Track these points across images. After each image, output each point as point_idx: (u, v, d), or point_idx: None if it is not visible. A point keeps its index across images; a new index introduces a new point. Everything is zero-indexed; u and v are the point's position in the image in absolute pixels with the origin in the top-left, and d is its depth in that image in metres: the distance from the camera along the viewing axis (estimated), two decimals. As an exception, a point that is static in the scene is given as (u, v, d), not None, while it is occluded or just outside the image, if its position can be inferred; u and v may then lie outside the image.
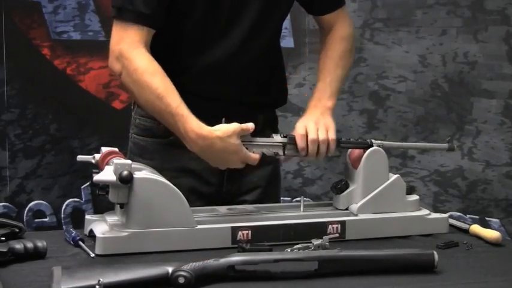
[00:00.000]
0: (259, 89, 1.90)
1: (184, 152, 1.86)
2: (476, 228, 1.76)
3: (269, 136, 1.75)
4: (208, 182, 1.90)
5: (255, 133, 1.74)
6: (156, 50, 1.77)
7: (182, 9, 1.79)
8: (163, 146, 1.88)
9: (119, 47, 1.75)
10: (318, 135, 1.76)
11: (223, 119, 1.69)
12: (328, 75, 1.91)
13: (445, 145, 1.85)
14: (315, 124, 1.78)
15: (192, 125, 1.69)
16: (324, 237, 1.58)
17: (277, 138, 1.75)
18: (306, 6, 1.99)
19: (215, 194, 1.91)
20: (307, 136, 1.76)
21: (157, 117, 1.76)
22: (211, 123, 1.69)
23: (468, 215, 2.78)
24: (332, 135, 1.78)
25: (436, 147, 1.96)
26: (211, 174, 1.89)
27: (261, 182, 1.95)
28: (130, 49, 1.73)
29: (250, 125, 1.70)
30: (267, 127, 1.92)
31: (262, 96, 1.91)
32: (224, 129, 1.68)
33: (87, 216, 1.69)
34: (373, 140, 1.79)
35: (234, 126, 1.68)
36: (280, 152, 1.75)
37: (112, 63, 1.77)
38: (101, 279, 1.27)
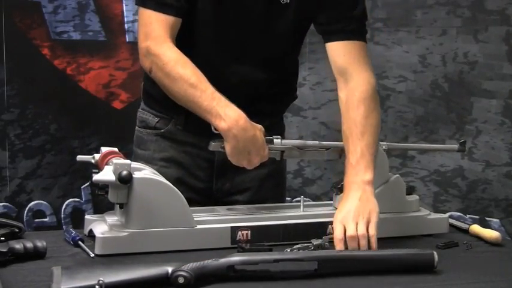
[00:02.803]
0: (263, 99, 1.88)
1: (174, 145, 1.90)
2: (476, 228, 1.76)
3: (270, 140, 1.73)
4: (196, 176, 1.91)
5: None
6: None
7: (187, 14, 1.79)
8: (155, 137, 1.91)
9: (146, 44, 1.75)
10: (356, 231, 1.57)
11: None
12: (358, 143, 1.69)
13: (455, 146, 1.82)
14: (354, 218, 1.58)
15: (234, 108, 1.67)
16: (323, 237, 1.58)
17: (277, 141, 1.74)
18: (319, 29, 1.87)
19: (205, 189, 1.91)
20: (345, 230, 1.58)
21: (190, 106, 1.72)
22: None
23: (468, 215, 2.78)
24: (372, 230, 1.57)
25: (445, 148, 1.93)
26: (199, 169, 1.90)
27: (253, 183, 1.94)
28: (158, 45, 1.73)
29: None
30: (274, 134, 1.91)
31: (267, 106, 1.89)
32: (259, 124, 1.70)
33: (87, 216, 1.69)
34: (380, 143, 1.78)
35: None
36: (278, 158, 1.75)
37: (142, 61, 1.78)
38: (101, 279, 1.27)
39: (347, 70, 1.78)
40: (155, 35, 1.74)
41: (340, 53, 1.80)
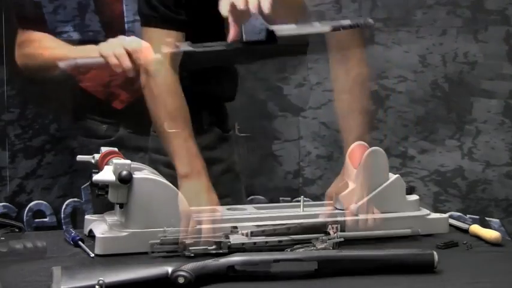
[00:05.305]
0: (203, 81, 1.94)
1: None
2: (476, 228, 1.76)
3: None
4: None
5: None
6: None
7: None
8: None
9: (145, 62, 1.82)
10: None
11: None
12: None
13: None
14: None
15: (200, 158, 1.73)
16: (324, 237, 1.58)
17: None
18: None
19: None
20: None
21: (164, 136, 1.78)
22: None
23: (468, 215, 2.78)
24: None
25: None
26: None
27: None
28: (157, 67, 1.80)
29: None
30: (213, 124, 1.99)
31: (206, 89, 1.95)
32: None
33: (87, 216, 1.69)
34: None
35: None
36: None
37: (141, 76, 1.86)
38: (101, 279, 1.27)
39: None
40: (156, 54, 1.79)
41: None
